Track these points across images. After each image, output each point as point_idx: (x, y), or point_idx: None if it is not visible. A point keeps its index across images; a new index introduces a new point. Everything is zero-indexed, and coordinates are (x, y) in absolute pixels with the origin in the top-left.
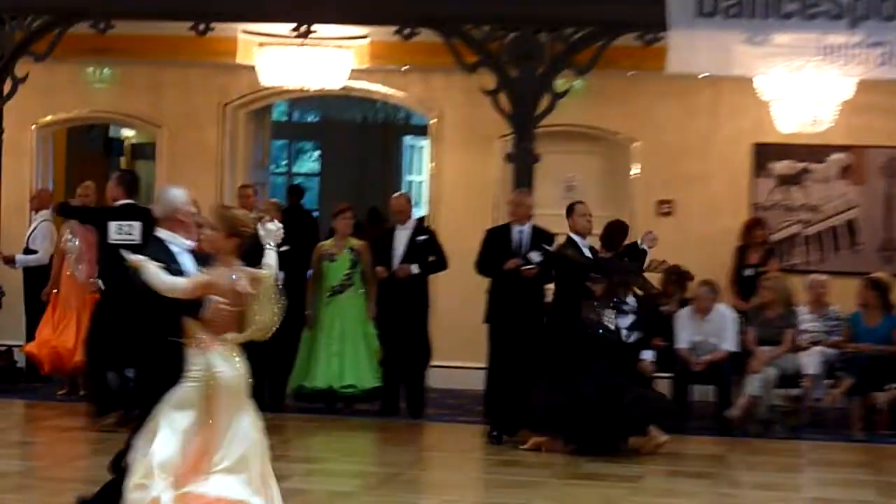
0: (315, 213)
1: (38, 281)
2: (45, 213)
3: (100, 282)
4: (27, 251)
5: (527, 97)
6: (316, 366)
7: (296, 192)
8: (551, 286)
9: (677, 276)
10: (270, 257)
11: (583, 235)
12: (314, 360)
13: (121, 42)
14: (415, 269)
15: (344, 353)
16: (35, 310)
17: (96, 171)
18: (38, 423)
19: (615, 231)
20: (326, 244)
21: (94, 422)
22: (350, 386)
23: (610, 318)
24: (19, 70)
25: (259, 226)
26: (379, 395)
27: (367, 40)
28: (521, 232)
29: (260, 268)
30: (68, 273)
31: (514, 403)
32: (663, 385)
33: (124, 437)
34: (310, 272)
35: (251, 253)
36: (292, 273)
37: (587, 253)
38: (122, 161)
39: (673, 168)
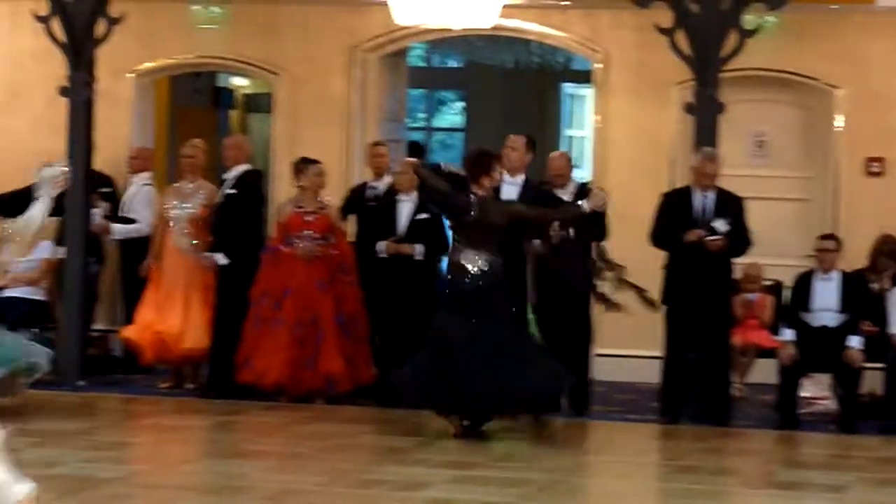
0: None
1: (138, 255)
2: (146, 176)
3: (218, 256)
4: (124, 220)
5: (709, 36)
6: None
7: (415, 150)
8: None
9: (890, 249)
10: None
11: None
12: None
13: None
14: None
15: None
16: (134, 289)
17: (203, 127)
18: (138, 420)
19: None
20: None
21: None
22: None
23: (473, 260)
24: (114, 10)
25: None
26: None
27: None
28: (704, 197)
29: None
30: (173, 245)
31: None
32: (873, 377)
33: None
34: None
35: None
36: (432, 244)
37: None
38: (234, 115)
39: (884, 120)
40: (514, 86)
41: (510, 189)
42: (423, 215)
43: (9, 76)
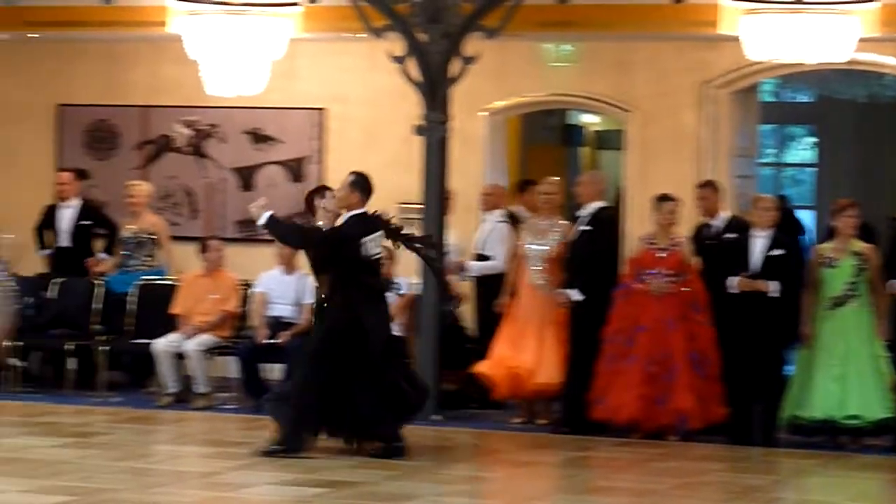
0: (805, 212)
1: (493, 291)
2: (499, 214)
3: (572, 292)
4: (480, 257)
5: None
6: (813, 392)
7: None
8: None
9: None
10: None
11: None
12: (811, 385)
13: (583, 13)
14: None
15: (847, 378)
16: (488, 324)
17: (554, 164)
18: (491, 455)
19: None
20: (825, 247)
21: None
22: (854, 416)
23: None
24: (468, 49)
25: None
26: (891, 428)
27: (877, 4)
28: None
29: None
30: (528, 282)
31: None
32: None
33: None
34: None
35: None
36: (787, 281)
37: None
38: (584, 152)
39: None
40: (869, 120)
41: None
42: (778, 251)
43: (366, 115)
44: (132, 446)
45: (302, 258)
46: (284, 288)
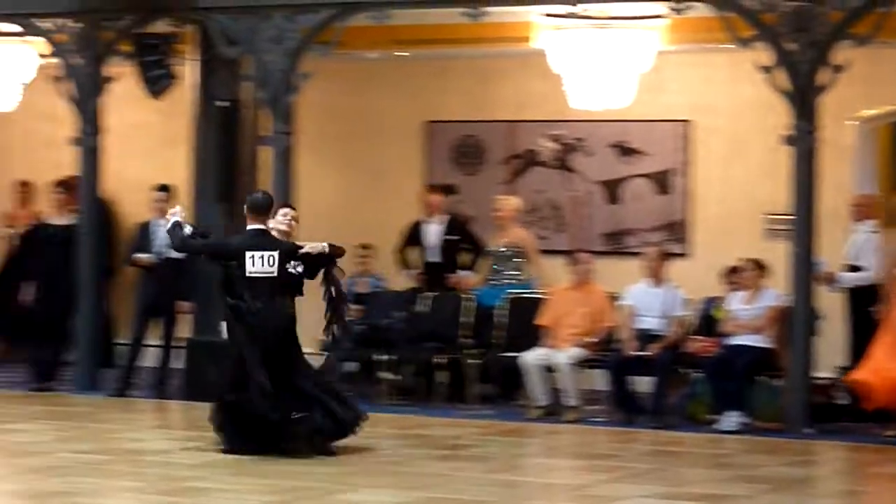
0: None
1: (865, 302)
2: (871, 224)
3: None
4: (851, 268)
5: None
6: None
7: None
8: None
9: None
10: None
11: None
12: None
13: None
14: None
15: None
16: (861, 334)
17: None
18: (863, 469)
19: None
20: None
21: None
22: None
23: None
24: (837, 57)
25: None
26: None
27: None
28: None
29: None
30: None
31: None
32: None
33: None
34: None
35: None
36: None
37: None
38: None
39: None
40: None
41: None
42: None
43: (729, 126)
44: (502, 459)
45: (669, 271)
46: (652, 300)
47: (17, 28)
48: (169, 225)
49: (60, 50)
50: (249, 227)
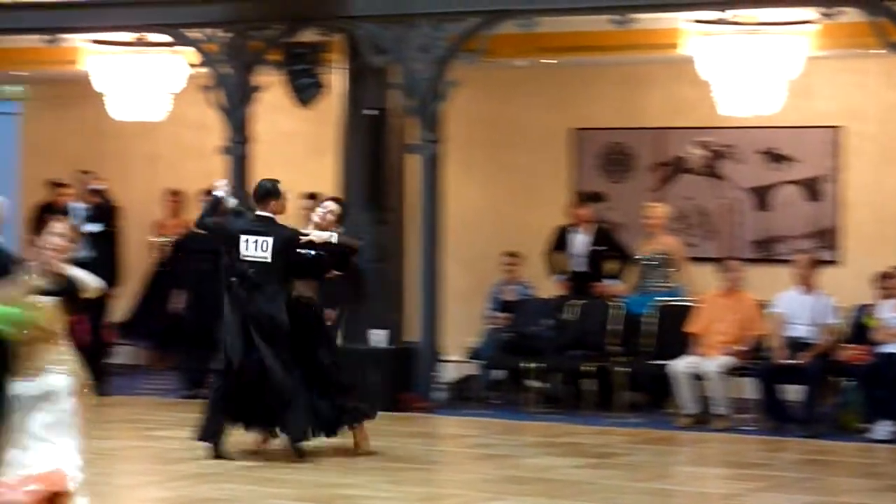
0: None
1: None
2: None
3: None
4: None
5: None
6: None
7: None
8: None
9: None
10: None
11: None
12: None
13: None
14: None
15: None
16: None
17: None
18: None
19: None
20: None
21: None
22: None
23: None
24: None
25: None
26: None
27: None
28: None
29: None
30: None
31: None
32: None
33: None
34: None
35: None
36: None
37: None
38: None
39: None
40: None
41: None
42: None
43: (881, 132)
44: (652, 467)
45: (820, 278)
46: (803, 308)
47: (167, 38)
48: (211, 197)
49: (210, 59)
50: (256, 213)
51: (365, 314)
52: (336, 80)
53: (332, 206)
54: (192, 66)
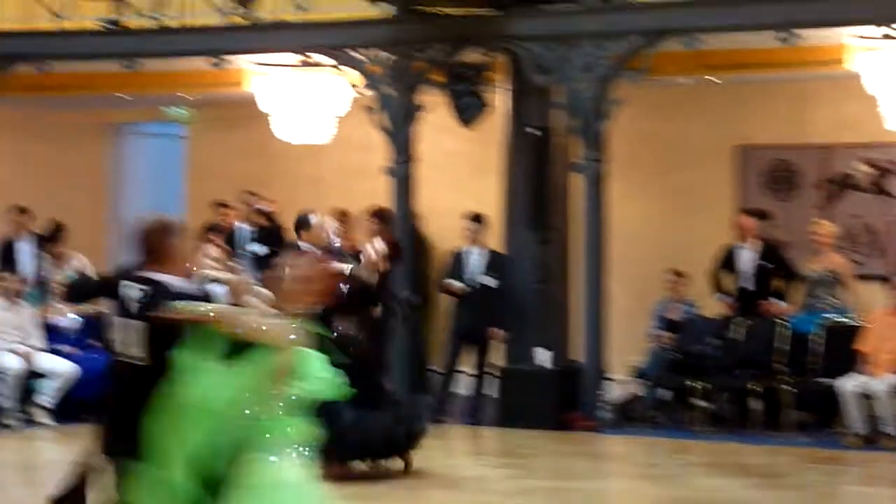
0: None
1: None
2: None
3: None
4: None
5: None
6: None
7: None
8: None
9: None
10: None
11: None
12: None
13: None
14: None
15: None
16: None
17: None
18: None
19: None
20: None
21: None
22: None
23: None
24: None
25: None
26: None
27: None
28: None
29: None
30: None
31: None
32: None
33: None
34: None
35: None
36: None
37: None
38: None
39: None
40: None
41: None
42: None
43: None
44: (821, 487)
45: None
46: None
47: (331, 60)
48: None
49: (373, 81)
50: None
51: (530, 334)
52: (499, 99)
53: (380, 246)
54: (355, 87)
